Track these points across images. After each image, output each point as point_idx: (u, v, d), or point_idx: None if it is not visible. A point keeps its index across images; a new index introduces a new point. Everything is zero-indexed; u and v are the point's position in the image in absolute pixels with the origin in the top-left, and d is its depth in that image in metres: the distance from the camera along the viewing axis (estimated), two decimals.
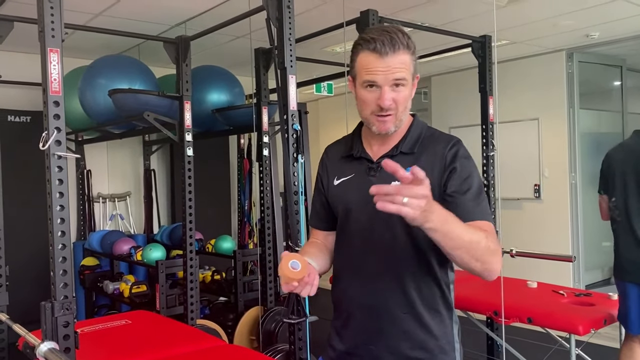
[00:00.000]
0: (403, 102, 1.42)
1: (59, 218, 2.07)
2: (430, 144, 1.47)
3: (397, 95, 1.40)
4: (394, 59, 1.37)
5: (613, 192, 2.94)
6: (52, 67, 2.05)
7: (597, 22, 4.58)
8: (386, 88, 1.39)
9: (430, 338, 1.43)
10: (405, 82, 1.40)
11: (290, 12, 2.69)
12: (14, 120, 4.92)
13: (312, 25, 3.65)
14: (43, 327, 2.05)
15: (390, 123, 1.43)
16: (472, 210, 1.37)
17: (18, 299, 3.52)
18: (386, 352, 1.44)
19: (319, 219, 1.62)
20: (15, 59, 4.76)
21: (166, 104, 3.85)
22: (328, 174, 1.59)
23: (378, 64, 1.38)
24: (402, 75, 1.39)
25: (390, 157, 1.46)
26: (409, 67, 1.40)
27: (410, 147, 1.47)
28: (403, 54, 1.39)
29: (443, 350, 1.45)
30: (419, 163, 1.39)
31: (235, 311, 4.28)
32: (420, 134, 1.50)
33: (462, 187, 1.39)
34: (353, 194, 1.49)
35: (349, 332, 1.50)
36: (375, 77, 1.39)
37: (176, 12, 4.07)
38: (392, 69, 1.38)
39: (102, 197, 5.61)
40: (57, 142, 2.07)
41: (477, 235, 1.26)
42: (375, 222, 1.43)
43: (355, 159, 1.53)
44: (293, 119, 2.69)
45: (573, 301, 3.18)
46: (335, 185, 1.54)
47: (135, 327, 2.92)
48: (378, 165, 1.47)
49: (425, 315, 1.43)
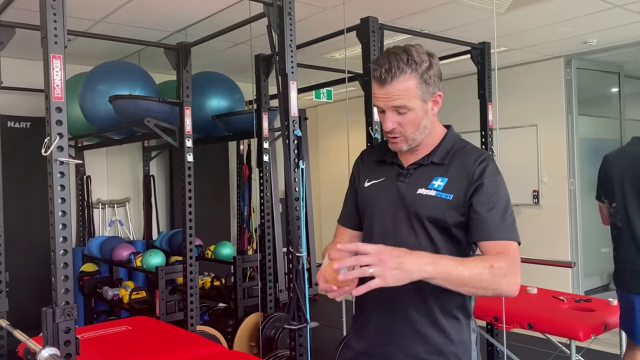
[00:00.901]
0: (411, 125, 1.46)
1: (61, 224, 2.07)
2: (460, 157, 1.49)
3: (402, 119, 1.45)
4: (393, 87, 1.41)
5: (613, 197, 2.93)
6: (55, 73, 2.05)
7: (595, 29, 4.61)
8: (388, 113, 1.45)
9: (447, 343, 1.44)
10: (406, 108, 1.43)
11: (292, 19, 2.70)
12: (14, 126, 4.92)
13: (312, 32, 3.67)
14: (44, 332, 2.04)
15: (402, 143, 1.49)
16: (496, 229, 1.38)
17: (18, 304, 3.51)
18: (401, 352, 1.46)
19: (349, 217, 1.66)
20: (15, 65, 4.76)
21: (166, 109, 3.86)
22: (360, 176, 1.64)
23: (379, 91, 1.44)
24: (400, 103, 1.42)
25: (421, 165, 1.51)
26: (412, 93, 1.42)
27: (441, 158, 1.50)
28: (404, 81, 1.41)
29: (458, 356, 1.45)
30: (448, 173, 1.45)
31: (235, 317, 4.27)
32: (453, 145, 1.53)
33: (487, 205, 1.40)
34: (381, 196, 1.54)
35: (366, 333, 1.53)
36: (378, 103, 1.46)
37: (177, 19, 4.09)
38: (390, 97, 1.42)
39: (102, 203, 5.60)
40: (59, 148, 2.06)
41: (478, 269, 1.28)
42: (399, 225, 1.48)
43: (387, 163, 1.58)
44: (294, 125, 2.70)
45: (573, 307, 3.18)
46: (366, 187, 1.59)
47: (136, 333, 2.91)
48: (408, 171, 1.52)
49: (442, 320, 1.44)
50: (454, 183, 1.44)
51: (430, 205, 1.44)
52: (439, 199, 1.44)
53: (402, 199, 1.49)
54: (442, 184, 1.45)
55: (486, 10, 3.91)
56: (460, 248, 1.46)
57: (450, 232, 1.45)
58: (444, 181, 1.45)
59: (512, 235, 1.39)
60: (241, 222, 5.70)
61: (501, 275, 1.31)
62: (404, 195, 1.49)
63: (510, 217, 1.42)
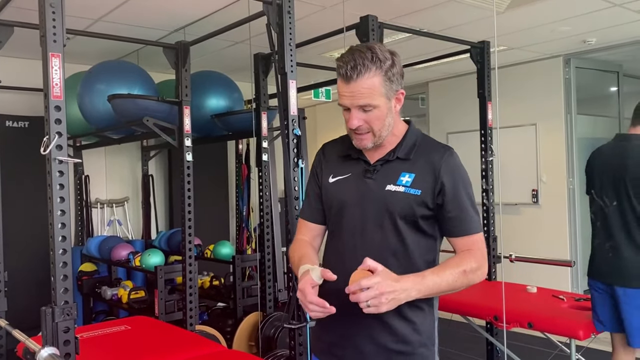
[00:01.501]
0: (377, 122, 1.48)
1: (60, 223, 2.06)
2: (425, 152, 1.54)
3: (367, 117, 1.47)
4: (358, 84, 1.43)
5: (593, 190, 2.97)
6: (54, 71, 2.05)
7: (594, 28, 4.60)
8: (354, 110, 1.47)
9: (412, 332, 1.51)
10: (371, 106, 1.45)
11: (291, 18, 2.70)
12: (12, 125, 4.91)
13: (311, 31, 3.67)
14: (43, 332, 2.04)
15: (367, 140, 1.51)
16: (463, 226, 1.50)
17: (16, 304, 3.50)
18: (369, 342, 1.51)
19: (313, 212, 1.67)
20: (13, 65, 4.75)
21: (165, 109, 3.85)
22: (323, 170, 1.65)
23: (345, 88, 1.46)
24: (365, 101, 1.44)
25: (387, 161, 1.54)
26: (377, 90, 1.44)
27: (406, 153, 1.54)
28: (369, 78, 1.43)
29: (423, 344, 1.52)
30: (415, 168, 1.50)
31: (234, 317, 4.27)
32: (416, 141, 1.56)
33: (454, 203, 1.49)
34: (348, 192, 1.56)
35: (334, 323, 1.56)
36: (344, 100, 1.48)
37: (175, 18, 4.08)
38: (355, 95, 1.44)
39: (100, 203, 5.59)
40: (58, 147, 2.06)
41: (452, 276, 1.43)
42: (368, 220, 1.52)
43: (352, 159, 1.59)
44: (293, 124, 2.69)
45: (573, 306, 3.18)
46: (331, 183, 1.60)
47: (135, 332, 2.91)
48: (375, 167, 1.54)
49: (407, 311, 1.49)
50: (421, 179, 1.50)
51: (399, 201, 1.49)
52: (408, 195, 1.49)
53: (371, 195, 1.52)
54: (410, 179, 1.50)
55: (486, 9, 3.91)
56: (427, 240, 1.54)
57: (419, 226, 1.51)
58: (412, 177, 1.50)
59: (477, 228, 1.52)
60: (240, 221, 5.68)
61: (472, 274, 1.46)
62: (372, 192, 1.52)
63: (475, 211, 1.53)
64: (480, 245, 1.51)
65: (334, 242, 1.59)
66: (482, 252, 1.50)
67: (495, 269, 3.91)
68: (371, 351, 1.51)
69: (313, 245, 1.66)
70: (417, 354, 1.51)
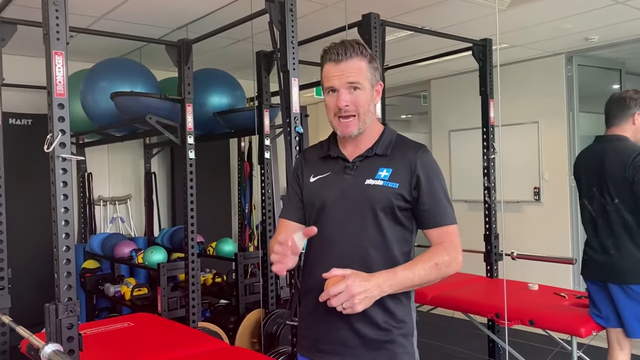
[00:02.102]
0: (363, 105, 1.57)
1: (64, 220, 2.07)
2: (401, 149, 1.62)
3: (354, 98, 1.55)
4: (348, 64, 1.54)
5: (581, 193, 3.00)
6: (57, 69, 2.06)
7: (596, 26, 4.60)
8: (343, 90, 1.55)
9: (393, 322, 1.57)
10: (360, 85, 1.55)
11: (293, 15, 2.70)
12: (15, 123, 4.93)
13: (313, 29, 3.67)
14: (47, 329, 2.05)
15: (353, 126, 1.58)
16: (437, 218, 1.57)
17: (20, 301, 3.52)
18: (352, 334, 1.57)
19: (294, 211, 1.73)
20: (17, 62, 4.75)
21: (168, 106, 3.86)
22: (304, 172, 1.72)
23: (334, 70, 1.56)
24: (355, 79, 1.54)
25: (366, 157, 1.62)
26: (364, 73, 1.56)
27: (384, 149, 1.62)
28: (357, 60, 1.55)
29: (403, 334, 1.59)
30: (392, 164, 1.59)
31: (237, 314, 4.28)
32: (392, 139, 1.65)
33: (429, 196, 1.57)
34: (329, 189, 1.63)
35: (316, 319, 1.62)
36: (333, 81, 1.56)
37: (178, 16, 4.09)
38: (346, 73, 1.54)
39: (103, 200, 5.61)
40: (61, 145, 2.07)
41: (425, 271, 1.49)
42: (349, 214, 1.59)
43: (332, 158, 1.67)
44: (295, 122, 2.70)
45: (574, 303, 3.18)
46: (312, 182, 1.67)
47: (138, 329, 2.92)
48: (354, 164, 1.62)
49: (389, 303, 1.56)
50: (398, 173, 1.58)
51: (379, 193, 1.56)
52: (386, 188, 1.56)
53: (351, 190, 1.59)
54: (388, 174, 1.58)
55: (488, 7, 3.91)
56: (404, 232, 1.61)
57: (397, 219, 1.58)
58: (389, 171, 1.58)
59: (450, 219, 1.59)
60: (242, 219, 5.70)
61: (445, 267, 1.52)
62: (352, 187, 1.59)
63: (449, 203, 1.60)
64: (453, 237, 1.57)
65: (316, 238, 1.61)
66: (455, 243, 1.56)
67: (496, 266, 3.91)
68: (354, 343, 1.57)
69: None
70: (397, 342, 1.57)
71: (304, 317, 1.69)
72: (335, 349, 1.59)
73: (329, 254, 1.59)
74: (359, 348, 1.57)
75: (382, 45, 3.28)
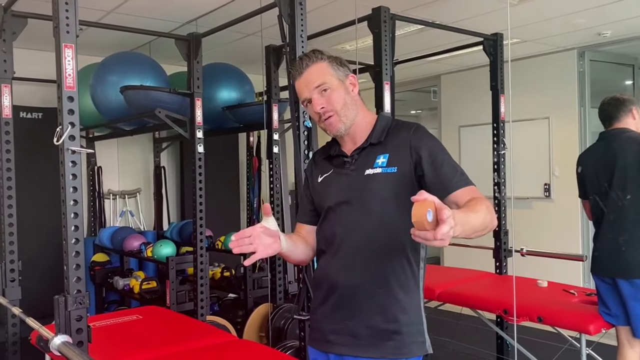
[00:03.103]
0: (337, 101, 1.59)
1: (73, 212, 2.09)
2: (395, 132, 1.63)
3: (326, 98, 1.59)
4: (309, 72, 1.60)
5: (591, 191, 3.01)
6: (67, 62, 2.06)
7: (609, 21, 4.54)
8: (314, 97, 1.59)
9: (402, 310, 1.57)
10: (326, 85, 1.59)
11: (303, 9, 2.69)
12: (26, 116, 4.96)
13: (323, 23, 3.66)
14: (56, 320, 2.06)
15: (336, 123, 1.61)
16: (458, 180, 1.52)
17: (30, 293, 3.55)
18: (362, 325, 1.57)
19: (306, 214, 1.77)
20: (28, 56, 4.79)
21: (177, 100, 3.87)
22: (314, 175, 1.76)
23: (300, 82, 1.62)
24: (320, 81, 1.59)
25: (363, 149, 1.63)
26: (327, 72, 1.60)
27: (378, 137, 1.63)
28: (316, 64, 1.61)
29: (412, 322, 1.58)
30: (388, 149, 1.59)
31: (245, 308, 4.30)
32: (386, 125, 1.66)
33: (438, 165, 1.53)
34: (333, 187, 1.66)
35: (326, 311, 1.64)
36: (304, 93, 1.62)
37: (188, 10, 4.09)
38: (309, 80, 1.60)
39: (113, 194, 5.64)
40: (71, 137, 2.08)
41: (483, 213, 1.38)
42: (354, 207, 1.60)
43: (333, 157, 1.71)
44: (304, 116, 2.69)
45: (584, 300, 3.15)
46: (319, 182, 1.72)
47: (147, 322, 2.94)
48: (352, 157, 1.64)
49: (398, 291, 1.57)
50: (395, 156, 1.58)
51: (379, 182, 1.57)
52: (386, 175, 1.57)
53: (353, 183, 1.61)
54: (385, 160, 1.59)
55: (499, 1, 3.87)
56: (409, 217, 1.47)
57: (401, 204, 1.52)
58: (386, 157, 1.59)
59: (469, 181, 1.54)
60: (251, 213, 5.71)
61: (492, 213, 1.43)
62: (354, 180, 1.61)
63: (458, 168, 1.56)
64: (481, 194, 1.50)
65: (324, 233, 1.67)
66: (482, 196, 1.49)
67: (506, 262, 3.89)
68: (365, 334, 1.57)
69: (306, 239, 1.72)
70: (405, 332, 1.56)
71: (314, 310, 1.70)
72: (344, 340, 1.60)
73: (338, 247, 1.61)
74: (368, 339, 1.57)
75: (392, 40, 3.26)
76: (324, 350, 1.65)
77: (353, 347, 1.58)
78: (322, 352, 1.66)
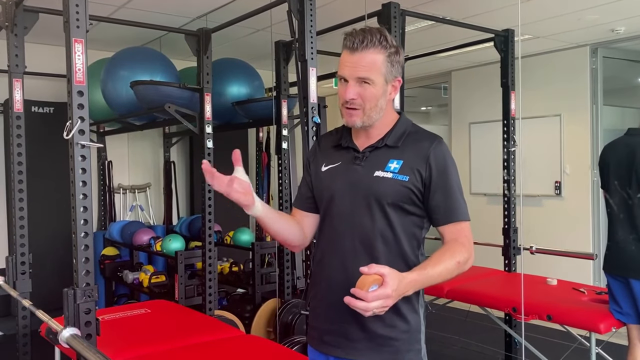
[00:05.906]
0: (371, 99, 1.50)
1: (82, 206, 2.10)
2: (414, 141, 1.56)
3: (363, 91, 1.49)
4: (362, 56, 1.47)
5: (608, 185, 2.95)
6: (77, 57, 2.07)
7: (622, 17, 4.49)
8: (351, 82, 1.49)
9: (399, 318, 1.53)
10: (370, 81, 1.48)
11: (312, 4, 2.69)
12: (38, 111, 4.99)
13: (333, 18, 3.65)
14: (65, 313, 2.08)
15: (357, 117, 1.53)
16: (451, 214, 1.52)
17: (41, 286, 3.59)
18: (359, 330, 1.53)
19: (304, 200, 1.70)
20: (39, 51, 4.82)
21: (187, 96, 3.88)
22: (317, 161, 1.68)
23: (348, 58, 1.49)
24: (365, 74, 1.47)
25: (376, 148, 1.57)
26: (378, 68, 1.48)
27: (395, 141, 1.56)
28: (374, 53, 1.47)
29: (410, 329, 1.55)
30: (403, 156, 1.53)
31: (253, 303, 4.31)
32: (406, 129, 1.59)
33: (446, 188, 1.51)
34: (339, 180, 1.59)
35: (323, 310, 1.60)
36: (344, 70, 1.50)
37: (198, 5, 4.09)
38: (357, 66, 1.47)
39: (123, 188, 5.67)
40: (80, 131, 2.09)
41: (447, 269, 1.44)
42: (357, 207, 1.54)
43: (343, 148, 1.63)
44: (313, 112, 2.69)
45: (594, 299, 3.13)
46: (323, 172, 1.64)
47: (155, 315, 2.96)
48: (364, 154, 1.57)
49: None
50: (409, 165, 1.52)
51: (388, 186, 1.51)
52: (396, 181, 1.51)
53: (360, 181, 1.55)
54: (398, 166, 1.52)
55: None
56: (414, 227, 1.55)
57: (407, 212, 1.53)
58: (400, 164, 1.53)
59: (464, 215, 1.53)
60: None
61: (464, 264, 1.47)
62: (361, 178, 1.55)
63: (462, 198, 1.54)
64: (467, 233, 1.52)
65: (325, 229, 1.62)
66: (470, 240, 1.51)
67: (515, 260, 3.87)
68: (360, 338, 1.54)
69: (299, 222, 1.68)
70: (402, 339, 1.54)
71: (313, 308, 1.67)
72: (339, 342, 1.56)
73: (338, 245, 1.57)
74: (363, 342, 1.54)
75: (402, 35, 3.24)
76: (321, 351, 1.62)
77: (346, 349, 1.55)
78: (320, 352, 1.63)
